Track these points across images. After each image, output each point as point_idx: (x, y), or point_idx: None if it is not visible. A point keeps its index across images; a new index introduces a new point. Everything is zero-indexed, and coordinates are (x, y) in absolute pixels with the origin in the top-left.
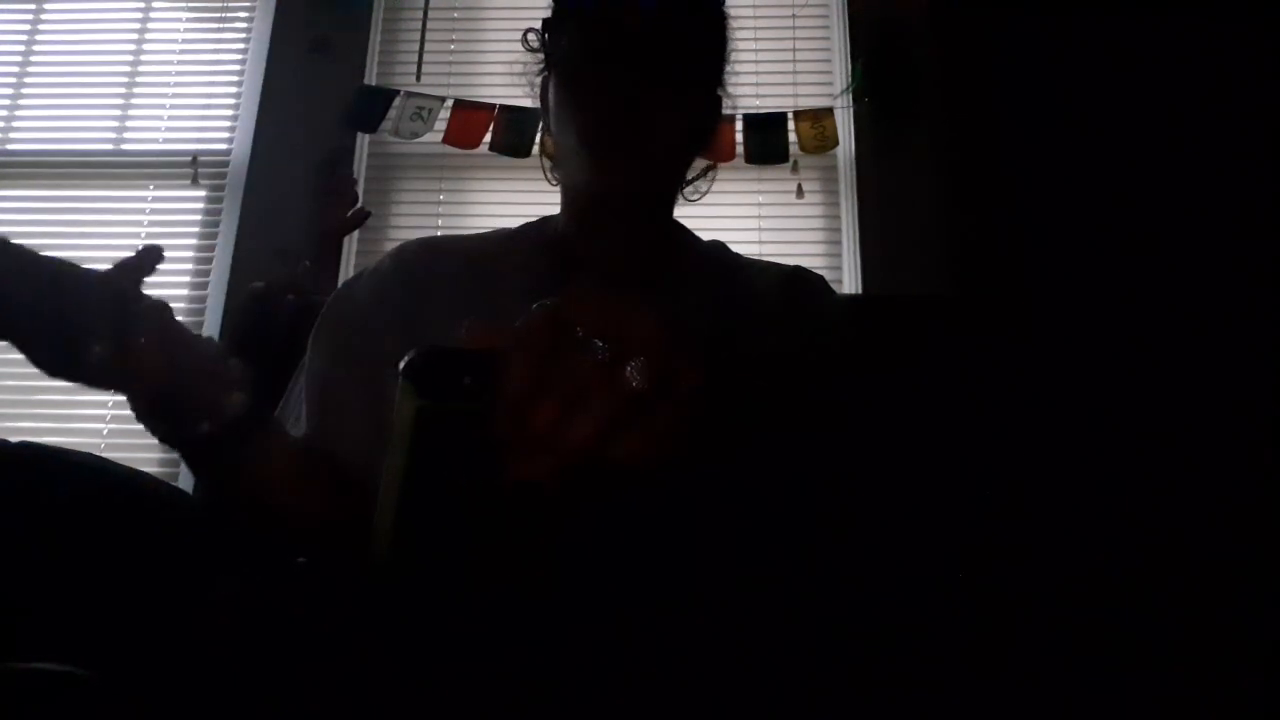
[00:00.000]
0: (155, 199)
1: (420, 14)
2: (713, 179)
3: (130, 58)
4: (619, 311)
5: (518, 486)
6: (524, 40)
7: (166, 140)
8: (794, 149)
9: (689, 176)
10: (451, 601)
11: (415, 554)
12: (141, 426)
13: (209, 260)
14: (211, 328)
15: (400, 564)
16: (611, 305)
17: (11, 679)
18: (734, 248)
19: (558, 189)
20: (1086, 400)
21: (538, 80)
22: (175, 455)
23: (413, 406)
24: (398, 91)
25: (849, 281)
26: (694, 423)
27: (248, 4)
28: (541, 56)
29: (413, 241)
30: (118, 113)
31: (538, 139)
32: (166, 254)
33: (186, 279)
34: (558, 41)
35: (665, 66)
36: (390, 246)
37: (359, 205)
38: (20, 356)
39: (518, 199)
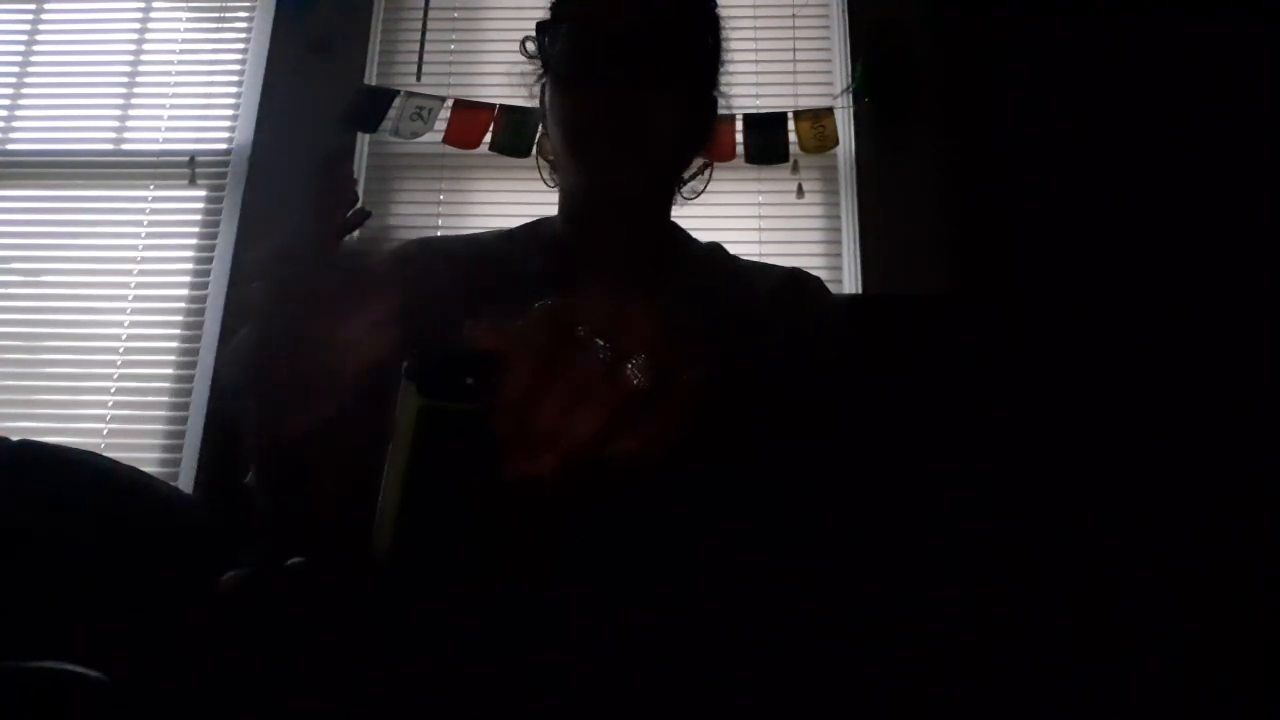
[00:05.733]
0: (155, 199)
1: (420, 14)
2: (709, 178)
3: (130, 58)
4: (619, 310)
5: (519, 484)
6: (522, 47)
7: (166, 140)
8: (794, 149)
9: (685, 176)
10: (453, 599)
11: (417, 552)
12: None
13: (209, 260)
14: (211, 327)
15: (402, 562)
16: (612, 304)
17: (19, 678)
18: (734, 248)
19: (557, 189)
20: (1084, 400)
21: (537, 85)
22: (174, 456)
23: (414, 406)
24: (398, 91)
25: (849, 281)
26: (693, 420)
27: (248, 4)
28: (539, 61)
29: (411, 241)
30: (118, 113)
31: (537, 139)
32: (165, 254)
33: (186, 279)
34: (552, 45)
35: (657, 69)
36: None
37: (359, 205)
38: (21, 356)
39: (518, 199)
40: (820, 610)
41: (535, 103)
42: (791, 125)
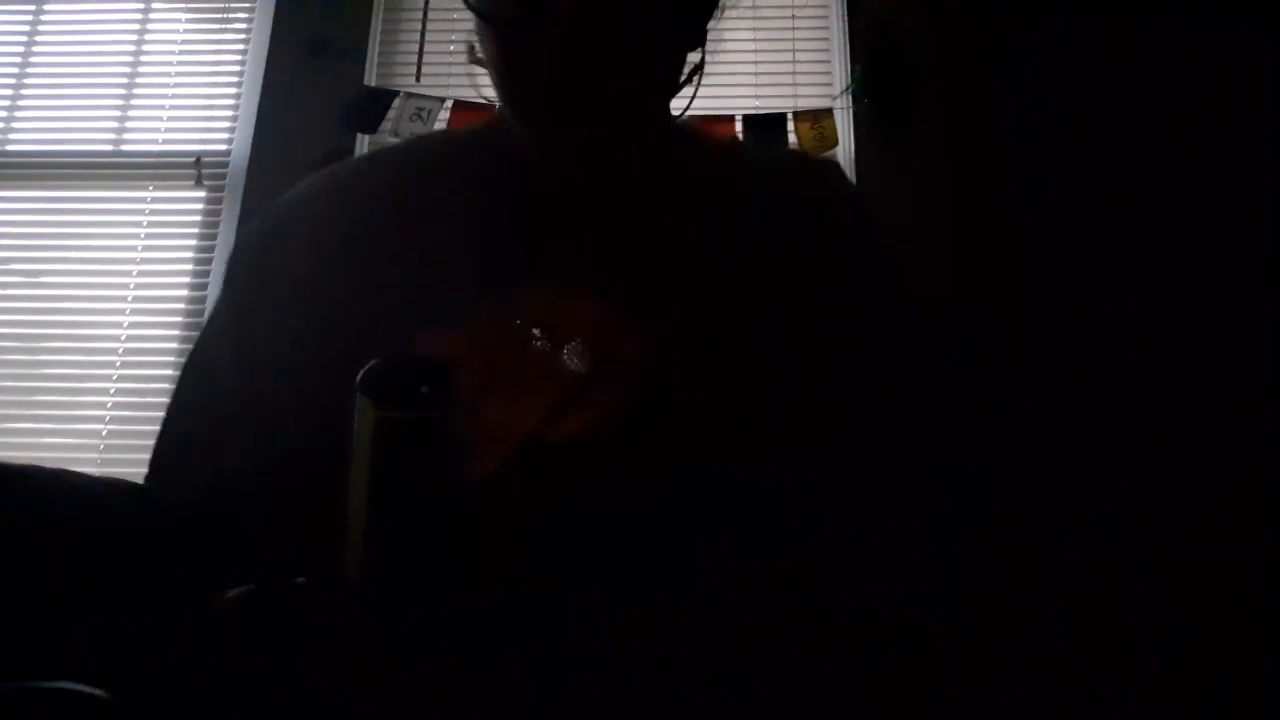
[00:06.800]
0: (155, 199)
1: (420, 14)
2: (698, 83)
3: (130, 58)
4: (560, 300)
5: (482, 486)
6: None
7: (166, 140)
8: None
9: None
10: (431, 609)
11: (390, 566)
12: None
13: (209, 260)
14: None
15: (377, 582)
16: (553, 295)
17: (21, 698)
18: None
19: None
20: (1085, 401)
21: None
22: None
23: (372, 421)
24: (397, 92)
25: None
26: (640, 400)
27: (247, 4)
28: None
29: (322, 175)
30: (118, 113)
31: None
32: (165, 254)
33: (186, 279)
34: None
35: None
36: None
37: None
38: (21, 356)
39: None
40: (817, 609)
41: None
42: (791, 126)
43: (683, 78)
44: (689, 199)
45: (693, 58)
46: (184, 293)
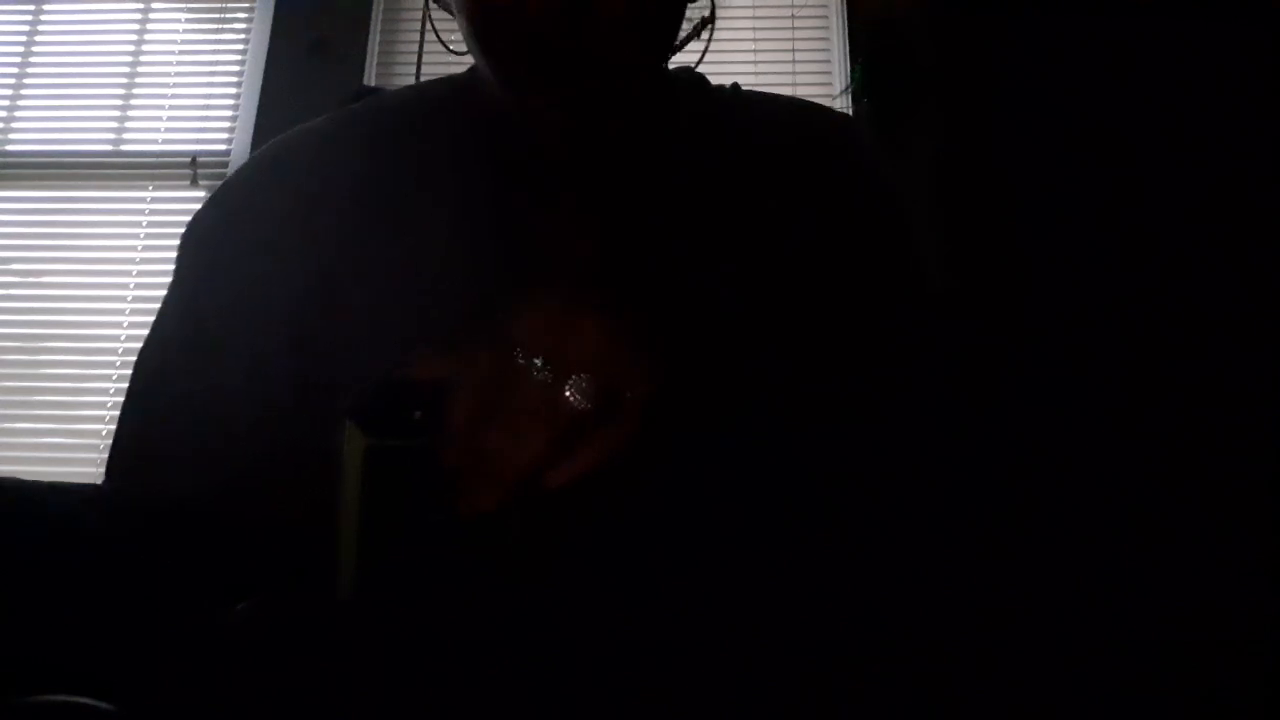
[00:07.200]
0: (154, 199)
1: (420, 14)
2: (710, 37)
3: (130, 58)
4: (563, 325)
5: (475, 518)
6: None
7: (165, 141)
8: None
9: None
10: (423, 639)
11: (381, 595)
12: None
13: None
14: None
15: (366, 606)
16: (555, 319)
17: (30, 713)
18: None
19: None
20: (1085, 402)
21: None
22: None
23: (360, 448)
24: None
25: None
26: (647, 434)
27: (247, 4)
28: None
29: (273, 154)
30: (117, 113)
31: None
32: (164, 254)
33: None
34: None
35: None
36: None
37: None
38: (21, 356)
39: None
40: (815, 613)
41: None
42: None
43: (684, 34)
44: (686, 162)
45: (699, 18)
46: None
